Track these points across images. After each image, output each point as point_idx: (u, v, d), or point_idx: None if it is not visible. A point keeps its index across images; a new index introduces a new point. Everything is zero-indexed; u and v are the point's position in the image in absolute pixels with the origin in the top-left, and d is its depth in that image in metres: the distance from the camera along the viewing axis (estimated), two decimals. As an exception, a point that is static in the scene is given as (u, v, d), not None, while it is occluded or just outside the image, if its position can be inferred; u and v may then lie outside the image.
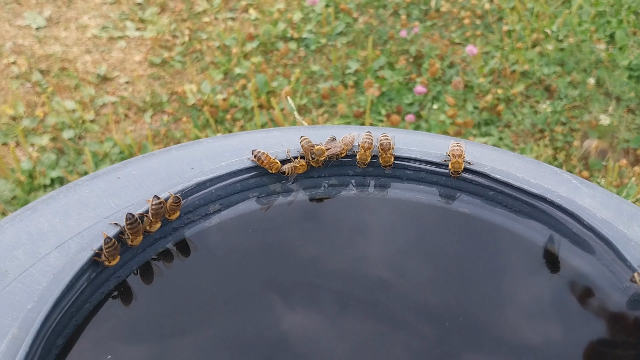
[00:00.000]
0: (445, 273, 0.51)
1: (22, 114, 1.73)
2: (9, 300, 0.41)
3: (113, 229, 0.47)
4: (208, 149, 0.57)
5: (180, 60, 1.95)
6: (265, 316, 0.46)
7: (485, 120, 1.72)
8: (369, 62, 1.89)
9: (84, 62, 1.95)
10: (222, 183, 0.53)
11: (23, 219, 0.49)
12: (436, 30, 2.04)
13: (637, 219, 0.51)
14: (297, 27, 2.05)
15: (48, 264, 0.44)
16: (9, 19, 2.09)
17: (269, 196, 0.56)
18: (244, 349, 0.44)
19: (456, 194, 0.56)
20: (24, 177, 1.52)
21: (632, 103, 1.73)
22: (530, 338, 0.46)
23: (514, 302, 0.49)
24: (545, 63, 1.86)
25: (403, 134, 0.60)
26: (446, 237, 0.55)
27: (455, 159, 0.54)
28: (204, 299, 0.48)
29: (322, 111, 1.76)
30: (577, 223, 0.50)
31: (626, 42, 1.89)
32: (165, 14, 2.15)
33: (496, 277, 0.51)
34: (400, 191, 0.57)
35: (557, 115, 1.69)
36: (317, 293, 0.48)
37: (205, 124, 1.73)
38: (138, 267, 0.49)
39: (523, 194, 0.53)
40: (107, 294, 0.46)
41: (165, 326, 0.46)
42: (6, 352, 0.37)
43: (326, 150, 0.55)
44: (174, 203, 0.49)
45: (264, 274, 0.50)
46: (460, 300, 0.49)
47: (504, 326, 0.47)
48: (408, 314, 0.47)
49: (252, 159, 0.54)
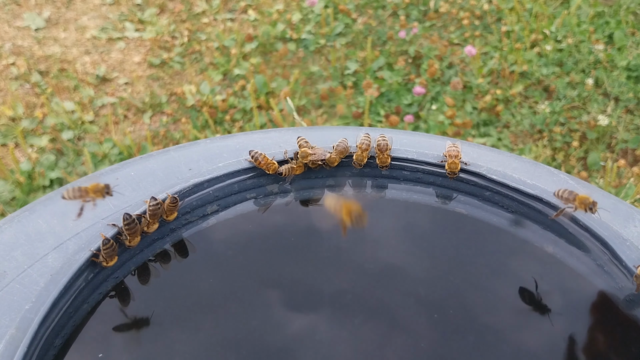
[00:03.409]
0: (442, 273, 0.51)
1: (22, 115, 1.73)
2: (7, 300, 0.41)
3: (111, 229, 0.47)
4: (206, 150, 0.57)
5: (180, 61, 1.95)
6: (263, 316, 0.46)
7: (484, 120, 1.72)
8: (368, 62, 1.89)
9: (83, 63, 1.95)
10: (219, 184, 0.54)
11: (21, 220, 0.49)
12: (435, 31, 2.04)
13: (634, 219, 0.52)
14: (296, 28, 2.06)
15: (46, 264, 0.44)
16: (8, 20, 2.09)
17: (266, 197, 0.56)
18: (243, 350, 0.44)
19: (453, 194, 0.56)
20: (23, 178, 1.52)
21: (630, 103, 1.73)
22: (526, 338, 0.46)
23: (510, 302, 0.49)
24: (544, 63, 1.86)
25: (400, 135, 0.61)
26: (443, 238, 0.55)
27: (451, 159, 0.55)
28: (202, 299, 0.48)
29: (321, 112, 1.77)
30: (573, 223, 0.50)
31: (625, 43, 1.89)
32: (164, 14, 2.16)
33: (493, 277, 0.51)
34: (397, 192, 0.57)
35: (555, 116, 1.69)
36: (314, 293, 0.49)
37: (205, 125, 1.73)
38: (136, 268, 0.49)
39: (519, 195, 0.53)
40: (105, 295, 0.46)
41: (162, 326, 0.46)
42: (4, 353, 0.37)
43: (310, 155, 0.55)
44: (172, 204, 0.49)
45: (261, 274, 0.50)
46: (457, 300, 0.49)
47: (501, 326, 0.47)
48: (405, 313, 0.47)
49: (249, 160, 0.55)
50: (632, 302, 0.47)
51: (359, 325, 0.46)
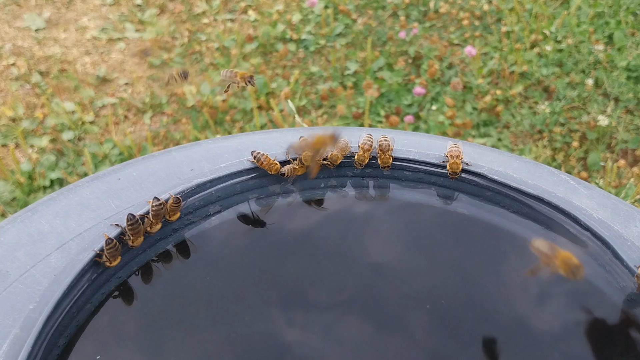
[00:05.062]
0: (443, 273, 0.52)
1: (22, 116, 1.73)
2: (11, 300, 0.42)
3: (114, 230, 0.47)
4: (207, 150, 0.58)
5: (180, 62, 1.95)
6: (265, 317, 0.46)
7: (484, 121, 1.72)
8: (368, 63, 1.89)
9: (84, 63, 1.95)
10: (221, 184, 0.54)
11: (24, 220, 0.49)
12: (435, 32, 2.04)
13: (634, 219, 0.52)
14: (296, 29, 2.06)
15: (49, 264, 0.44)
16: (9, 21, 2.10)
17: (268, 197, 0.56)
18: (243, 349, 0.45)
19: (454, 194, 0.56)
20: (24, 179, 1.52)
21: (630, 104, 1.73)
22: (527, 337, 0.46)
23: (511, 302, 0.49)
24: (544, 64, 1.86)
25: (402, 135, 0.61)
26: (444, 238, 0.55)
27: (453, 159, 0.55)
28: (204, 299, 0.48)
29: (321, 112, 1.77)
30: (574, 223, 0.51)
31: (625, 43, 1.89)
32: (164, 15, 2.16)
33: (494, 277, 0.51)
34: (398, 192, 0.57)
35: (555, 116, 1.70)
36: (316, 294, 0.49)
37: (205, 125, 1.73)
38: (139, 268, 0.49)
39: (520, 195, 0.53)
40: (108, 295, 0.46)
41: (165, 326, 0.46)
42: (8, 352, 0.37)
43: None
44: (174, 204, 0.49)
45: (264, 275, 0.50)
46: (458, 300, 0.49)
47: (502, 326, 0.47)
48: (406, 314, 0.47)
49: (251, 160, 0.55)
50: (633, 302, 0.47)
51: (359, 325, 0.46)
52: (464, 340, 0.46)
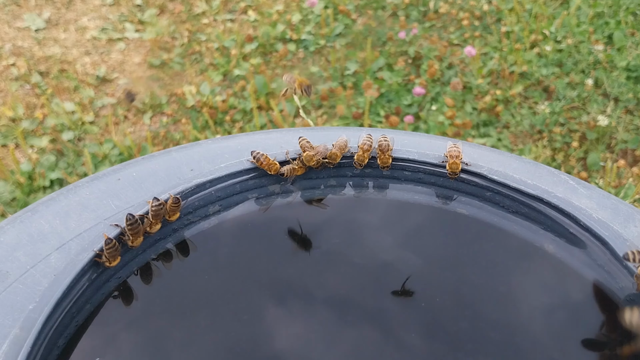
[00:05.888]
0: (443, 273, 0.52)
1: (22, 116, 1.73)
2: (10, 301, 0.42)
3: (114, 230, 0.47)
4: (207, 150, 0.58)
5: (180, 62, 1.95)
6: (265, 316, 0.47)
7: (483, 121, 1.72)
8: (367, 63, 1.89)
9: (83, 63, 1.95)
10: (221, 184, 0.54)
11: (24, 220, 0.49)
12: (435, 32, 2.04)
13: (634, 219, 0.52)
14: (296, 29, 2.06)
15: (49, 265, 0.44)
16: (8, 21, 2.10)
17: (268, 197, 0.56)
18: (243, 349, 0.45)
19: (454, 194, 0.57)
20: (24, 179, 1.52)
21: (630, 104, 1.73)
22: (527, 338, 0.46)
23: (510, 302, 0.49)
24: (544, 64, 1.86)
25: (401, 135, 0.61)
26: (444, 238, 0.55)
27: (452, 160, 0.55)
28: (204, 299, 0.48)
29: (321, 112, 1.77)
30: (574, 223, 0.51)
31: (624, 43, 1.89)
32: (164, 15, 2.16)
33: (493, 277, 0.51)
34: (398, 192, 0.57)
35: (555, 116, 1.70)
36: (315, 295, 0.49)
37: (205, 126, 1.73)
38: (138, 268, 0.49)
39: (520, 195, 0.53)
40: (108, 295, 0.46)
41: (165, 326, 0.46)
42: (8, 352, 0.37)
43: (314, 157, 0.55)
44: (174, 204, 0.49)
45: (263, 274, 0.50)
46: (458, 301, 0.49)
47: (502, 326, 0.47)
48: (406, 315, 0.47)
49: (251, 161, 0.55)
50: (632, 302, 0.47)
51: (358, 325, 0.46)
52: (462, 340, 0.46)
